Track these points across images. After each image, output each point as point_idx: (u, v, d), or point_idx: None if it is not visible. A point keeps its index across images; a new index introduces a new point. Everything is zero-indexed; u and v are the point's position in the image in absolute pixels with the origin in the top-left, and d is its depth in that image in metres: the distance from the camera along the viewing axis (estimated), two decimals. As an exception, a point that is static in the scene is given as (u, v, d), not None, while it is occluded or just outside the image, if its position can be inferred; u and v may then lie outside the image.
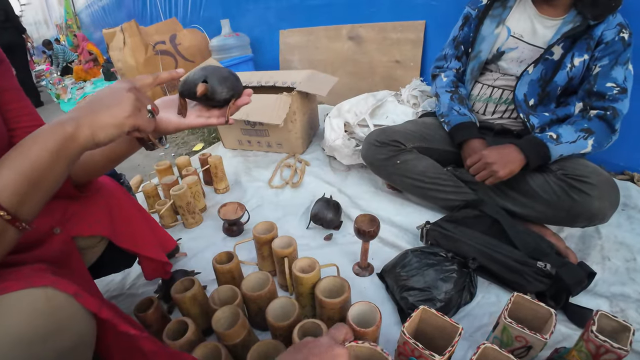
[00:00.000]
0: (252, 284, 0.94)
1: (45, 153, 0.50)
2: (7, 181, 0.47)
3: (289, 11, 2.83)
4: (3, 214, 0.47)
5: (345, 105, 1.72)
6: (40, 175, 0.50)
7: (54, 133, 0.50)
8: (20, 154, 0.49)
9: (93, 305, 0.55)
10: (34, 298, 0.48)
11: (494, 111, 1.33)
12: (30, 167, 0.49)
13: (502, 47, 1.26)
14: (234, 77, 0.68)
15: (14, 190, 0.48)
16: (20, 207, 0.48)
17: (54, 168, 0.51)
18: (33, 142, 0.50)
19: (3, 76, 0.71)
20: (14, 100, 0.73)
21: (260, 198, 1.62)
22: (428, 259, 1.02)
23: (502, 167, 1.11)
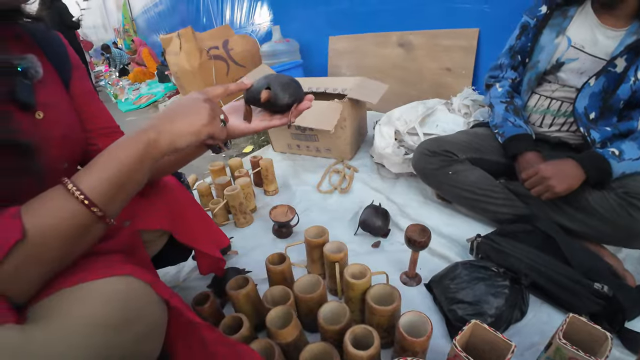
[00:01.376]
0: (304, 285, 0.97)
1: (130, 158, 0.56)
2: (99, 183, 0.53)
3: (337, 17, 2.86)
4: (96, 210, 0.53)
5: (395, 113, 1.73)
6: (126, 178, 0.56)
7: (138, 140, 0.56)
8: (108, 158, 0.56)
9: (166, 293, 0.61)
10: (116, 286, 0.53)
11: (552, 123, 1.29)
12: (117, 171, 0.55)
13: (561, 57, 1.23)
14: (295, 84, 0.72)
15: (104, 190, 0.54)
16: (108, 205, 0.55)
17: (138, 171, 0.57)
18: (119, 148, 0.56)
19: (80, 80, 0.78)
20: (90, 103, 0.80)
21: (308, 202, 1.66)
22: (479, 272, 1.01)
23: (560, 183, 1.08)
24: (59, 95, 0.72)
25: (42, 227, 0.49)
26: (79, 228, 0.53)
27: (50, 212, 0.51)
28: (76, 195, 0.51)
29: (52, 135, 0.66)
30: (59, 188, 0.53)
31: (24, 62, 0.61)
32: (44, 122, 0.65)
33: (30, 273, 0.50)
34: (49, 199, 0.52)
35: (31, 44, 0.69)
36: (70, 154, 0.72)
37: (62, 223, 0.51)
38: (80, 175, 0.54)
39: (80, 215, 0.52)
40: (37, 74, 0.63)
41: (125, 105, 5.17)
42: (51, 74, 0.70)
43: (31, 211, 0.50)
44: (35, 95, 0.63)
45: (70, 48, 0.78)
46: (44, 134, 0.64)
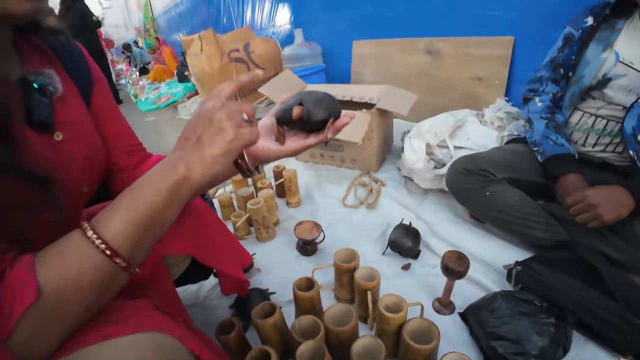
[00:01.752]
0: (335, 316, 0.92)
1: (158, 198, 0.49)
2: (122, 228, 0.47)
3: (362, 22, 2.80)
4: (119, 261, 0.47)
5: (425, 125, 1.66)
6: (153, 221, 0.50)
7: (165, 178, 0.50)
8: (132, 200, 0.49)
9: (196, 347, 0.55)
10: (143, 344, 0.48)
11: (596, 143, 1.22)
12: (143, 214, 0.49)
13: (608, 73, 1.15)
14: (329, 99, 0.66)
15: (129, 237, 0.48)
16: (133, 253, 0.49)
17: (167, 212, 0.51)
18: (145, 188, 0.50)
19: (102, 95, 0.74)
20: (111, 120, 0.76)
21: (333, 216, 1.60)
22: (521, 306, 0.95)
23: (609, 212, 1.01)
24: (80, 112, 0.67)
25: (58, 283, 0.44)
26: (101, 280, 0.47)
27: (68, 264, 0.45)
28: (97, 244, 0.46)
29: (74, 157, 0.62)
30: (77, 234, 0.47)
31: (41, 78, 0.56)
32: (63, 143, 0.60)
33: (48, 332, 0.44)
34: (66, 248, 0.47)
35: (49, 57, 0.65)
36: (92, 177, 0.68)
37: (81, 276, 0.45)
38: (101, 219, 0.48)
39: (102, 266, 0.46)
40: (56, 91, 0.58)
41: (145, 105, 5.19)
42: (71, 90, 0.66)
43: (46, 263, 0.44)
44: (54, 114, 0.58)
45: (91, 60, 0.74)
46: (64, 157, 0.60)
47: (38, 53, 0.63)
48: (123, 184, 0.78)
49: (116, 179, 0.78)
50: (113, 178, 0.78)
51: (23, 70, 0.56)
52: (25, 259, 0.45)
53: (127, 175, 0.78)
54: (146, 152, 0.84)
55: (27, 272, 0.43)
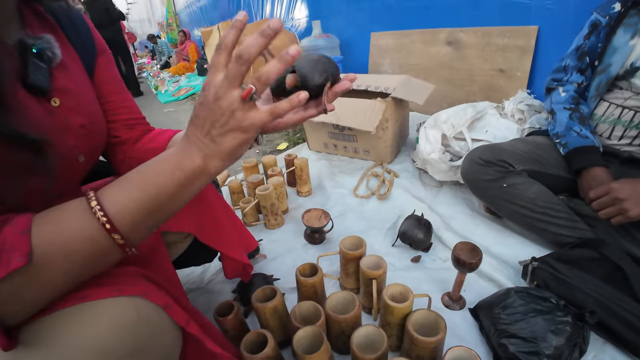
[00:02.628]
0: (337, 303, 0.88)
1: (171, 186, 0.47)
2: (126, 206, 0.45)
3: (382, 13, 2.75)
4: (117, 237, 0.45)
5: (442, 116, 1.60)
6: (161, 206, 0.48)
7: (181, 166, 0.47)
8: (143, 180, 0.47)
9: (181, 318, 0.53)
10: (123, 310, 0.46)
11: (622, 136, 1.15)
12: (152, 197, 0.47)
13: (637, 61, 1.08)
14: (325, 60, 0.58)
15: (131, 216, 0.46)
16: (132, 232, 0.47)
17: (177, 199, 0.49)
18: (158, 171, 0.48)
19: (105, 67, 0.73)
20: (114, 93, 0.75)
21: (344, 206, 1.56)
22: (536, 303, 0.89)
23: (636, 205, 0.95)
24: (80, 81, 0.66)
25: (49, 249, 0.42)
26: (94, 254, 0.45)
27: (63, 231, 0.43)
28: (98, 215, 0.44)
29: (70, 124, 0.60)
30: (80, 203, 0.45)
31: (39, 43, 0.55)
32: (60, 109, 0.59)
33: (28, 296, 0.43)
34: (65, 214, 0.45)
35: (51, 24, 0.64)
36: (89, 146, 0.66)
37: (73, 245, 0.43)
38: (107, 192, 0.46)
39: (97, 239, 0.44)
40: (55, 57, 0.57)
41: (165, 96, 5.26)
42: (73, 58, 0.65)
43: (42, 227, 0.43)
44: (51, 80, 0.57)
45: (96, 31, 0.73)
46: (59, 123, 0.59)
47: (40, 20, 0.62)
48: (124, 157, 0.77)
49: (117, 151, 0.77)
50: (114, 151, 0.77)
51: (22, 34, 0.55)
52: (21, 220, 0.43)
53: (128, 148, 0.77)
54: (148, 127, 0.82)
55: (21, 235, 0.41)
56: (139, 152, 0.76)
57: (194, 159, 0.47)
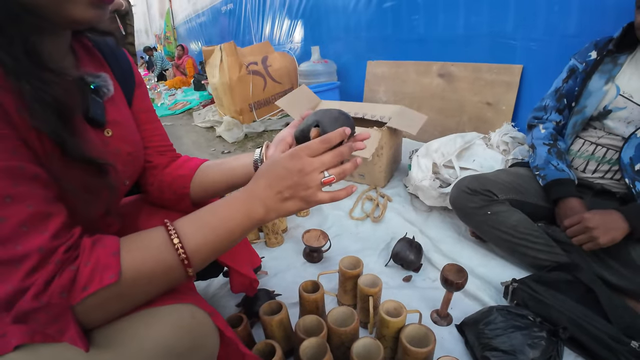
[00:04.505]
0: (337, 317, 0.97)
1: (238, 231, 0.58)
2: (202, 245, 0.56)
3: (379, 43, 2.90)
4: (190, 271, 0.55)
5: (433, 145, 1.73)
6: (226, 246, 0.58)
7: (248, 215, 0.58)
8: (216, 223, 0.57)
9: (222, 324, 0.62)
10: (182, 314, 0.55)
11: (595, 170, 1.27)
12: (222, 238, 0.57)
13: (609, 105, 1.21)
14: (343, 117, 0.69)
15: (204, 255, 0.56)
16: (200, 266, 0.57)
17: (237, 240, 0.59)
18: (230, 218, 0.58)
19: (142, 99, 0.81)
20: (149, 122, 0.82)
21: (340, 227, 1.66)
22: (515, 320, 0.99)
23: (604, 234, 1.06)
24: (125, 112, 0.74)
25: (136, 273, 0.50)
26: (169, 280, 0.55)
27: (149, 259, 0.52)
28: (180, 252, 0.53)
29: (120, 153, 0.68)
30: (162, 235, 0.54)
31: (97, 81, 0.63)
32: (112, 139, 0.67)
33: (111, 309, 0.51)
34: (151, 245, 0.53)
35: (99, 60, 0.71)
36: (133, 171, 0.75)
37: (155, 273, 0.52)
38: (186, 230, 0.55)
39: (175, 270, 0.54)
40: (109, 92, 0.65)
41: (161, 110, 5.30)
42: (117, 91, 0.72)
43: (131, 253, 0.51)
44: (105, 113, 0.65)
45: (134, 65, 0.80)
46: (112, 152, 0.66)
47: (89, 55, 0.69)
48: (154, 180, 0.85)
49: (148, 175, 0.85)
50: (146, 174, 0.85)
51: (80, 72, 0.62)
52: (110, 242, 0.51)
53: (159, 173, 0.85)
54: (176, 153, 0.91)
55: (113, 256, 0.49)
56: (168, 177, 0.84)
57: (259, 210, 0.58)
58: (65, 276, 0.46)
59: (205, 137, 3.63)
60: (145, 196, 0.90)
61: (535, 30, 1.92)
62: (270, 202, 0.58)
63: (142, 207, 0.90)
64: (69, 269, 0.46)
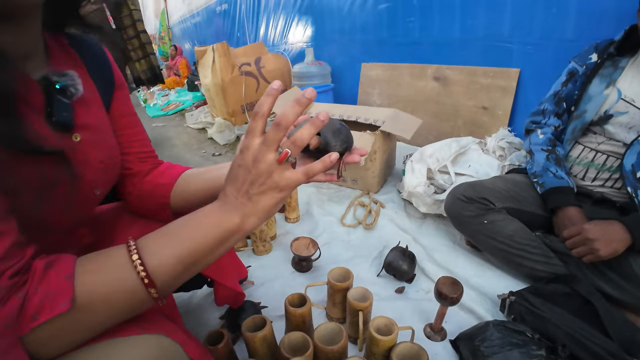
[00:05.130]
0: (324, 334, 0.92)
1: (209, 242, 0.51)
2: (166, 261, 0.49)
3: (373, 45, 2.86)
4: (153, 291, 0.48)
5: (428, 150, 1.68)
6: (197, 260, 0.52)
7: (219, 225, 0.51)
8: (183, 236, 0.51)
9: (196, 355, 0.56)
10: (149, 346, 0.49)
11: (595, 178, 1.23)
12: (191, 253, 0.50)
13: (610, 109, 1.17)
14: (345, 130, 0.64)
15: (169, 271, 0.49)
16: (168, 287, 0.50)
17: (212, 255, 0.53)
18: (198, 228, 0.52)
19: (122, 101, 0.75)
20: (129, 126, 0.76)
21: (331, 234, 1.60)
22: (512, 337, 0.94)
23: (605, 246, 1.02)
24: (99, 116, 0.67)
25: (92, 298, 0.45)
26: (130, 305, 0.49)
27: (106, 282, 0.46)
28: (139, 269, 0.47)
29: (89, 160, 0.62)
30: (121, 253, 0.48)
31: (64, 79, 0.57)
32: (81, 145, 0.60)
33: (66, 340, 0.45)
34: (108, 265, 0.48)
35: (75, 59, 0.65)
36: (105, 180, 0.68)
37: (114, 296, 0.47)
38: (148, 244, 0.50)
39: (135, 292, 0.48)
40: (77, 92, 0.59)
41: (153, 110, 5.25)
42: (92, 92, 0.66)
43: (86, 275, 0.46)
44: (73, 115, 0.59)
45: (115, 65, 0.74)
46: (79, 159, 0.60)
47: (64, 54, 0.63)
48: (133, 189, 0.79)
49: (127, 182, 0.79)
50: (124, 182, 0.79)
51: (47, 70, 0.57)
52: (65, 263, 0.45)
53: (138, 181, 0.79)
54: (158, 160, 0.84)
55: (66, 281, 0.43)
56: (148, 185, 0.78)
57: (233, 218, 0.51)
58: (10, 305, 0.40)
59: (197, 139, 3.57)
60: (125, 204, 0.84)
61: (532, 33, 1.89)
62: (243, 207, 0.51)
63: (121, 216, 0.84)
64: (15, 297, 0.41)
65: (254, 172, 0.50)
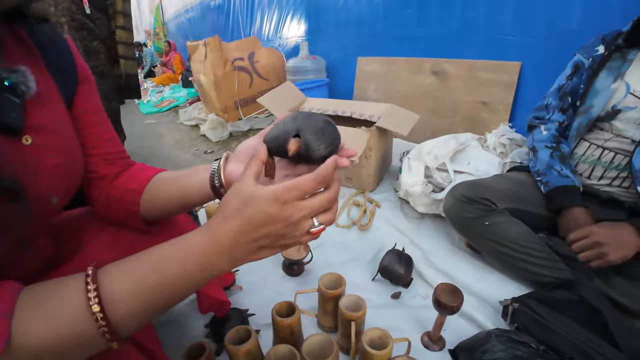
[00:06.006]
0: (314, 346, 0.85)
1: (190, 290, 0.46)
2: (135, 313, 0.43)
3: (369, 39, 2.79)
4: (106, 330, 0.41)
5: (425, 147, 1.61)
6: (165, 299, 0.45)
7: (207, 271, 0.46)
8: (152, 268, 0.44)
9: None
10: None
11: (602, 176, 1.16)
12: (164, 302, 0.45)
13: (618, 104, 1.11)
14: (331, 128, 0.55)
15: (136, 322, 0.44)
16: (125, 327, 0.43)
17: (185, 293, 0.47)
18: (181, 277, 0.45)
19: (86, 97, 0.68)
20: (95, 124, 0.69)
21: (323, 235, 1.48)
22: (516, 348, 0.88)
23: (615, 250, 0.96)
24: (57, 116, 0.60)
25: (33, 338, 0.38)
26: (80, 344, 0.42)
27: (54, 333, 0.39)
28: (100, 324, 0.40)
29: (42, 164, 0.55)
30: (77, 294, 0.41)
31: (13, 76, 0.50)
32: (32, 148, 0.54)
33: None
34: (59, 309, 0.40)
35: (32, 51, 0.58)
36: (63, 187, 0.60)
37: (65, 348, 0.40)
38: (115, 286, 0.42)
39: (93, 344, 0.41)
40: (29, 90, 0.52)
41: (147, 107, 5.17)
42: (51, 89, 0.60)
43: (29, 309, 0.39)
44: (24, 115, 0.52)
45: (79, 57, 0.67)
46: (30, 164, 0.53)
47: (20, 47, 0.57)
48: (100, 193, 0.71)
49: (92, 187, 0.71)
50: (89, 186, 0.71)
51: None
52: (5, 297, 0.38)
53: (106, 185, 0.71)
54: (129, 161, 0.77)
55: (1, 320, 0.36)
56: (116, 190, 0.71)
57: (222, 265, 0.46)
58: None
59: (189, 136, 3.49)
60: (93, 211, 0.76)
61: (535, 24, 1.83)
62: (239, 253, 0.45)
63: (87, 224, 0.76)
64: None
65: (280, 229, 0.45)
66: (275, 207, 0.43)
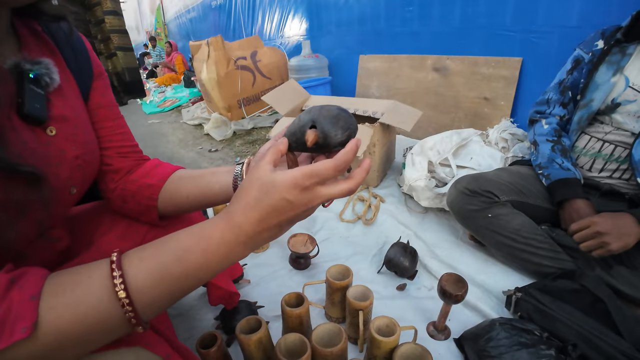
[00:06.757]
0: (323, 336, 0.87)
1: (209, 277, 0.47)
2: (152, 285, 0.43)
3: (372, 37, 2.81)
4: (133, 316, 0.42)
5: (428, 142, 1.63)
6: (188, 286, 0.46)
7: (227, 258, 0.46)
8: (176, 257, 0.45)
9: None
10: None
11: (602, 169, 1.18)
12: (185, 289, 0.46)
13: (617, 98, 1.12)
14: (346, 115, 0.54)
15: (155, 296, 0.44)
16: (149, 312, 0.44)
17: (204, 280, 0.47)
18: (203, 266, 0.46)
19: (101, 92, 0.70)
20: (109, 119, 0.71)
21: (329, 231, 1.56)
22: (520, 336, 0.90)
23: (616, 240, 0.97)
24: (76, 108, 0.62)
25: (59, 323, 0.38)
26: (107, 333, 0.43)
27: (80, 319, 0.39)
28: (126, 309, 0.41)
29: (65, 155, 0.57)
30: (102, 282, 0.41)
31: (37, 68, 0.52)
32: (56, 139, 0.55)
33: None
34: (84, 295, 0.40)
35: (49, 46, 0.60)
36: (82, 178, 0.62)
37: (90, 332, 0.40)
38: (139, 275, 0.43)
39: (118, 328, 0.42)
40: (53, 82, 0.54)
41: (150, 107, 5.19)
42: (69, 82, 0.62)
43: (56, 299, 0.39)
44: (48, 107, 0.54)
45: (93, 53, 0.69)
46: (54, 154, 0.55)
47: (38, 41, 0.59)
48: (115, 186, 0.73)
49: (107, 180, 0.73)
50: (104, 179, 0.73)
51: (19, 57, 0.51)
52: (32, 279, 0.39)
53: (120, 178, 0.73)
54: (142, 155, 0.79)
55: (30, 302, 0.37)
56: (132, 185, 0.73)
57: (244, 252, 0.47)
58: None
59: (193, 135, 3.51)
60: (107, 203, 0.78)
61: (535, 20, 1.84)
62: (260, 240, 0.46)
63: (101, 217, 0.78)
64: None
65: (299, 213, 0.46)
66: (295, 194, 0.43)
